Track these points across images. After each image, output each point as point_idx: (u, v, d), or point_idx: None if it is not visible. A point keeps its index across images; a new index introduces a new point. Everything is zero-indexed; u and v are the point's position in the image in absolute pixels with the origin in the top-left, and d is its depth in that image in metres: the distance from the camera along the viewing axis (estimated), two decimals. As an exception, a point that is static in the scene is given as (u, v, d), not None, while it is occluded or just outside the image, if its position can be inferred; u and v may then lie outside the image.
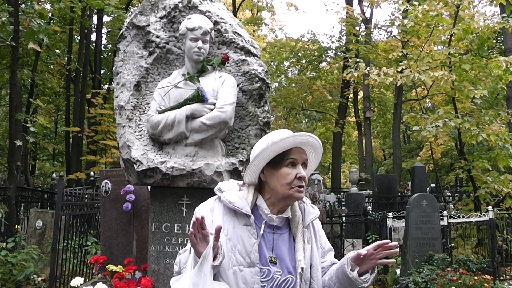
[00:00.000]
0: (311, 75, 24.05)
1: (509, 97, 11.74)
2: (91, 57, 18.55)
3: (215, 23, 3.71)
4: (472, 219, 7.20)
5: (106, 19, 19.05)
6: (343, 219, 9.30)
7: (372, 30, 20.30)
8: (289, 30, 63.64)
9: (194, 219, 1.59)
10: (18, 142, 7.16)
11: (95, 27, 18.48)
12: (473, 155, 8.98)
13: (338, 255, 4.35)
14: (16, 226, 6.93)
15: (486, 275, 5.84)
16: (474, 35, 8.66)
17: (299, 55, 24.57)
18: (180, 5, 3.78)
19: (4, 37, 6.92)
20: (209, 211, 1.80)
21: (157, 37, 3.78)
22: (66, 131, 19.10)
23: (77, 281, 3.88)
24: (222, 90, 3.48)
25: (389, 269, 6.38)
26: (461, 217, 7.26)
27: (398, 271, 6.30)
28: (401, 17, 15.20)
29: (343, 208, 12.01)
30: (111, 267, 3.77)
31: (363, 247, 7.65)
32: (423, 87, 10.48)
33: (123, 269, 3.77)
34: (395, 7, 19.96)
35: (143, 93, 3.78)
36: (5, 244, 6.22)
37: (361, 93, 21.60)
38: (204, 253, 1.58)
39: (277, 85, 27.16)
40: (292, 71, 28.48)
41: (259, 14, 28.30)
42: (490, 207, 7.16)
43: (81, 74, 17.10)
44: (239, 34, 3.78)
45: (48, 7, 12.79)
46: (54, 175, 16.64)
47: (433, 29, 8.70)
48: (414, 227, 6.40)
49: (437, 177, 13.62)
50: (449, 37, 8.52)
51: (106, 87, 19.37)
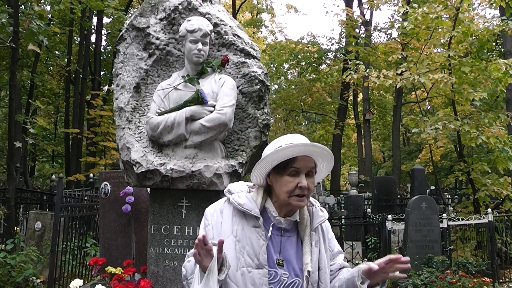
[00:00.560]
0: (311, 77, 24.08)
1: (509, 100, 11.74)
2: (91, 58, 18.59)
3: (215, 25, 3.71)
4: (471, 221, 7.21)
5: (106, 20, 19.08)
6: (343, 221, 9.31)
7: (372, 32, 20.28)
8: (289, 32, 63.92)
9: (196, 241, 1.60)
10: (17, 143, 7.16)
11: (95, 28, 18.49)
12: (473, 157, 8.98)
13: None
14: (15, 227, 6.93)
15: (485, 278, 5.86)
16: (473, 37, 8.67)
17: (299, 57, 24.62)
18: (180, 7, 3.77)
19: (3, 38, 6.93)
20: (218, 212, 1.82)
21: (157, 39, 3.77)
22: (65, 133, 19.08)
23: (76, 283, 3.88)
24: (221, 92, 3.47)
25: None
26: (460, 219, 7.26)
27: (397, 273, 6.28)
28: (401, 20, 15.24)
29: (342, 210, 12.02)
30: (110, 269, 3.77)
31: (362, 249, 7.71)
32: (422, 89, 10.49)
33: (122, 271, 3.76)
34: (395, 9, 19.99)
35: (142, 95, 3.78)
36: (4, 245, 6.19)
37: (360, 95, 21.60)
38: (209, 266, 1.59)
39: (276, 87, 27.17)
40: (291, 73, 28.55)
41: (259, 16, 28.32)
42: (489, 210, 7.17)
43: (81, 75, 17.11)
44: (239, 36, 3.78)
45: (48, 8, 12.78)
46: (53, 176, 16.55)
47: (433, 32, 8.72)
48: (413, 230, 6.41)
49: (437, 180, 13.63)
50: (448, 40, 8.53)
51: (105, 88, 19.40)
